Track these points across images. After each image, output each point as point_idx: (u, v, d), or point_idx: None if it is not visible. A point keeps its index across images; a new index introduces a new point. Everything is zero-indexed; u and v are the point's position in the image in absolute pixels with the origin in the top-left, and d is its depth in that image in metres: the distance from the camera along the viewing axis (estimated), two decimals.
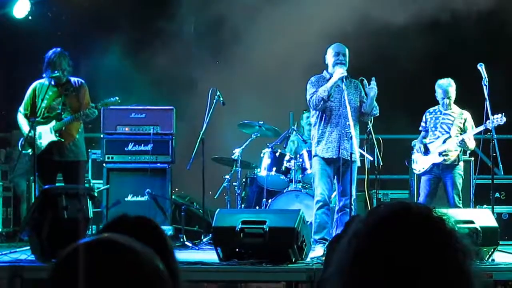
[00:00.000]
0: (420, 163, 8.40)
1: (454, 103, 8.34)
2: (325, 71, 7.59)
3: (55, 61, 7.87)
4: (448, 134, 8.25)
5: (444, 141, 8.23)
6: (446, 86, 8.24)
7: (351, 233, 1.41)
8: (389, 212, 1.40)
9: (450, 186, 8.21)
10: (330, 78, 7.41)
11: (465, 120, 8.30)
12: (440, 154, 8.22)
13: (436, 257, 1.34)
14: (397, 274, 1.32)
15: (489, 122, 7.91)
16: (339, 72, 7.28)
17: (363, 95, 7.56)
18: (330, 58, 7.50)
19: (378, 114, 7.57)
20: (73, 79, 8.06)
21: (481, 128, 8.04)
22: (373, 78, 7.43)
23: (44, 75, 7.95)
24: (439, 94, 8.30)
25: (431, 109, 8.46)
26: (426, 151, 8.35)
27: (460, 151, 8.29)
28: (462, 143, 8.14)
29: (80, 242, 1.31)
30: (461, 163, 8.32)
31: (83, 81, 8.10)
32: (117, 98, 8.13)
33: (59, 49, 7.98)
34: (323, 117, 7.45)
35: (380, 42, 10.94)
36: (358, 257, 1.36)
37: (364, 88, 7.52)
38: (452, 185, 8.18)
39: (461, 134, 8.22)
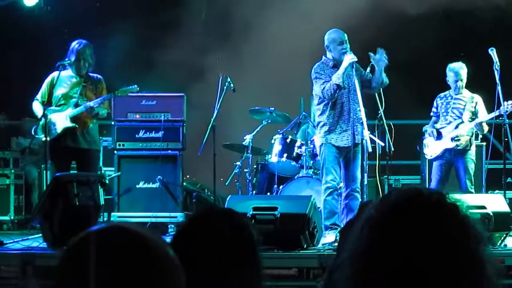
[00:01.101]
0: (432, 148, 8.36)
1: (466, 87, 8.29)
2: (324, 57, 7.53)
3: (79, 50, 7.88)
4: (460, 119, 8.20)
5: (457, 126, 8.18)
6: (458, 68, 8.18)
7: (363, 219, 1.40)
8: (402, 198, 1.39)
9: (462, 171, 8.17)
10: (334, 64, 7.37)
11: (476, 103, 8.25)
12: (452, 139, 8.18)
13: (448, 244, 1.33)
14: (409, 261, 1.31)
15: (502, 108, 7.83)
16: (349, 57, 7.23)
17: (363, 73, 7.48)
18: (332, 45, 7.43)
19: (388, 82, 7.42)
20: (92, 74, 8.10)
21: (495, 113, 7.97)
22: (380, 49, 7.28)
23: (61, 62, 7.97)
24: (451, 77, 8.24)
25: (442, 94, 8.41)
26: (438, 136, 8.31)
27: (472, 136, 8.25)
28: (478, 126, 8.08)
29: (89, 230, 1.31)
30: (473, 148, 8.28)
31: (101, 78, 8.17)
32: (136, 85, 8.15)
33: (85, 40, 8.01)
34: (334, 105, 7.40)
35: (391, 27, 10.88)
36: (370, 243, 1.35)
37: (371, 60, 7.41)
38: (464, 170, 8.14)
39: (473, 118, 8.17)
